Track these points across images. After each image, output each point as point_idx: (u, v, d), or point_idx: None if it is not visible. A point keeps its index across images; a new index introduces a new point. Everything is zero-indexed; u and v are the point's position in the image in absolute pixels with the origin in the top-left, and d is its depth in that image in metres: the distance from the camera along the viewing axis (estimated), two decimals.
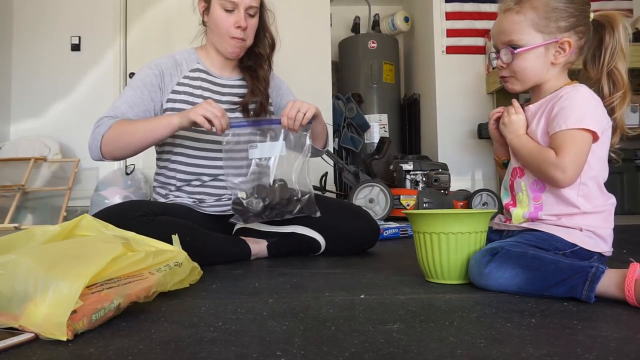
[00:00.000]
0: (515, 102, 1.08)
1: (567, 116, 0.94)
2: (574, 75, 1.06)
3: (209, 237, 1.29)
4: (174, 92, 1.43)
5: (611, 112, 1.00)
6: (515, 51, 1.00)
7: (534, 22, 0.99)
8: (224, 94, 1.48)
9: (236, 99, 1.49)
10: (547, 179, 0.98)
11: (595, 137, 0.95)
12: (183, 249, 1.02)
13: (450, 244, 0.98)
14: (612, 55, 1.00)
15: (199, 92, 1.45)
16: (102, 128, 1.33)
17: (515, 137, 1.04)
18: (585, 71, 1.05)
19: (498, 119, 1.12)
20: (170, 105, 1.42)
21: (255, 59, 1.49)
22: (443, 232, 0.98)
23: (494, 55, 1.07)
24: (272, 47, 1.51)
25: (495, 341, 0.64)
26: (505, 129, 1.06)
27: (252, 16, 1.40)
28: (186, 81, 1.45)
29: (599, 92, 1.02)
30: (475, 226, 0.99)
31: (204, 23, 1.49)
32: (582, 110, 0.94)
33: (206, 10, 1.44)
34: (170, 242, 1.02)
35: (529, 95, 1.12)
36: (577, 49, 1.01)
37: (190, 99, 1.43)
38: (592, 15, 1.01)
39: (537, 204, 1.02)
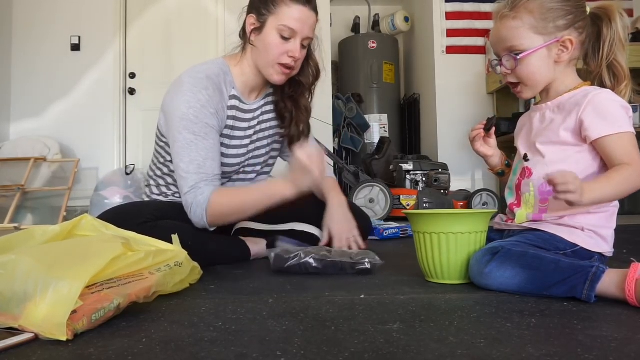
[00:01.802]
0: (569, 174, 0.87)
1: (610, 121, 0.93)
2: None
3: (209, 238, 1.29)
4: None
5: None
6: (518, 57, 0.99)
7: (531, 25, 0.98)
8: (249, 120, 1.42)
9: (255, 122, 1.43)
10: (634, 190, 0.92)
11: None
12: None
13: (450, 244, 0.98)
14: (610, 47, 0.99)
15: (231, 122, 1.37)
16: (202, 199, 1.22)
17: (589, 196, 0.88)
18: (586, 65, 1.05)
19: (477, 138, 1.14)
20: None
21: (296, 88, 1.41)
22: (443, 232, 0.98)
23: (496, 62, 1.06)
24: (316, 76, 1.41)
25: (495, 341, 0.64)
26: (578, 198, 0.87)
27: (304, 47, 1.32)
28: (229, 113, 1.36)
29: (601, 85, 1.01)
30: (475, 226, 0.99)
31: (247, 39, 1.35)
32: (619, 115, 0.94)
33: (257, 30, 1.30)
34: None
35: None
36: (579, 44, 1.00)
37: (227, 130, 1.37)
38: (588, 8, 1.01)
39: (544, 206, 1.02)
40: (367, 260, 1.16)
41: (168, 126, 1.31)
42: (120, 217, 1.26)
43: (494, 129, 1.16)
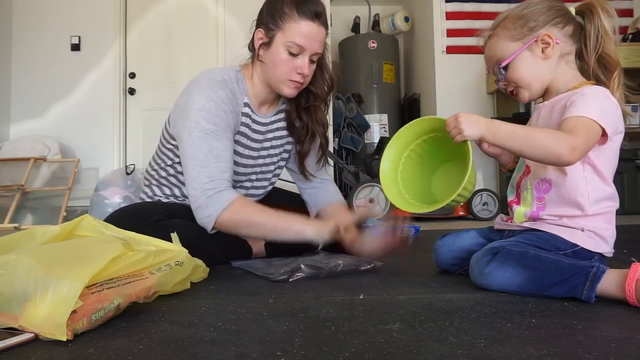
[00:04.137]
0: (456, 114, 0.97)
1: (581, 106, 0.93)
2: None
3: (213, 237, 1.29)
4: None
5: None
6: (501, 65, 1.03)
7: (507, 36, 1.04)
8: (263, 133, 1.41)
9: (271, 136, 1.43)
10: (555, 156, 0.90)
11: (604, 134, 0.93)
12: (191, 251, 1.02)
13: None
14: (596, 40, 1.00)
15: (244, 129, 1.37)
16: (224, 200, 1.19)
17: (486, 130, 0.92)
18: (581, 61, 1.06)
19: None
20: None
21: (312, 99, 1.38)
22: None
23: (497, 79, 1.09)
24: (330, 87, 1.39)
25: (496, 341, 0.64)
26: (467, 127, 0.93)
27: (313, 62, 1.30)
28: (242, 119, 1.35)
29: (597, 80, 1.02)
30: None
31: (255, 52, 1.33)
32: (595, 105, 0.93)
33: (265, 45, 1.28)
34: (184, 245, 1.02)
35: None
36: (565, 37, 1.02)
37: (238, 136, 1.36)
38: (573, 9, 1.03)
39: (540, 204, 1.02)
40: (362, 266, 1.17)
41: (182, 121, 1.27)
42: (132, 216, 1.27)
43: None
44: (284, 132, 1.46)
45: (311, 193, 1.52)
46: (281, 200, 1.57)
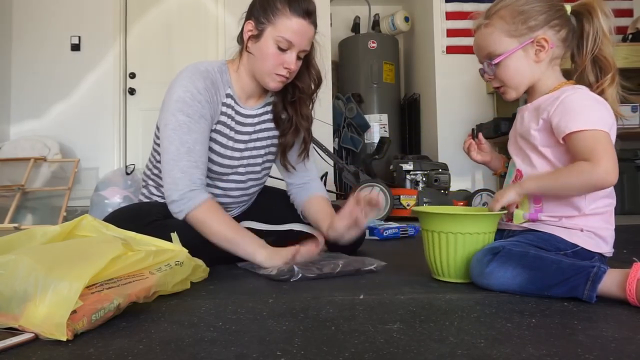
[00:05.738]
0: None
1: (578, 117, 0.92)
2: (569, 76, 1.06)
3: None
4: (217, 122, 1.36)
5: (601, 96, 0.99)
6: (493, 62, 1.02)
7: (503, 29, 1.01)
8: (253, 125, 1.43)
9: (258, 127, 1.44)
10: (593, 187, 0.92)
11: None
12: (190, 251, 1.02)
13: (458, 243, 0.99)
14: (594, 42, 0.99)
15: (228, 121, 1.37)
16: (196, 201, 1.22)
17: (520, 188, 0.98)
18: (572, 63, 1.05)
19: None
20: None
21: (298, 94, 1.40)
22: (454, 232, 0.98)
23: (481, 70, 1.09)
24: (317, 84, 1.41)
25: (496, 341, 0.64)
26: (501, 195, 0.99)
27: (300, 58, 1.32)
28: (223, 109, 1.37)
29: (582, 80, 1.01)
30: (487, 227, 0.99)
31: (243, 44, 1.35)
32: (589, 111, 0.93)
33: (254, 37, 1.30)
34: (184, 245, 1.02)
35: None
36: (559, 42, 1.01)
37: (219, 126, 1.37)
38: (568, 7, 1.02)
39: (538, 206, 1.02)
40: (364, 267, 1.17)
41: (162, 112, 1.30)
42: (131, 216, 1.28)
43: (480, 135, 1.21)
44: (271, 125, 1.47)
45: (296, 190, 1.54)
46: (269, 197, 1.59)
